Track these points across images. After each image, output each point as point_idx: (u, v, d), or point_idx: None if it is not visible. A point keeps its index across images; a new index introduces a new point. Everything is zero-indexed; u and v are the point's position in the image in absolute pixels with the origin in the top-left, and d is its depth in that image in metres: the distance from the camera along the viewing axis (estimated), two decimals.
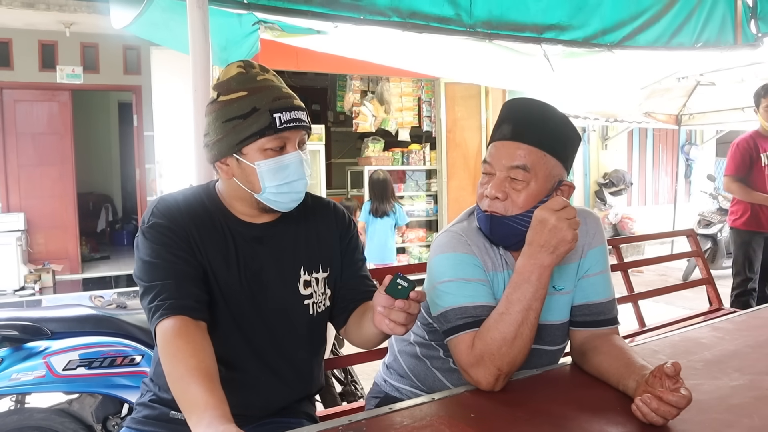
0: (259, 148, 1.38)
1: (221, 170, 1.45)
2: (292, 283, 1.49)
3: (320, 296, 1.53)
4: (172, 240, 1.38)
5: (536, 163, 1.45)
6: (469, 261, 1.49)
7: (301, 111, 1.41)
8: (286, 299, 1.48)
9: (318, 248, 1.54)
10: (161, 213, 1.42)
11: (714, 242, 8.01)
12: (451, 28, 3.00)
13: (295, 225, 1.53)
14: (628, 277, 3.29)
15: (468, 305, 1.44)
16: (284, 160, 1.40)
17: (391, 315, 1.21)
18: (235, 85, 1.40)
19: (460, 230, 1.56)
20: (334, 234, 1.58)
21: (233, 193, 1.47)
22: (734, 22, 3.83)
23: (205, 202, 1.48)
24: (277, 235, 1.50)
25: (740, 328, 1.90)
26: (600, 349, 1.49)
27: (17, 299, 6.97)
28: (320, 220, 1.58)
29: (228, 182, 1.46)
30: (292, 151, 1.41)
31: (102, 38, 7.80)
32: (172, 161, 6.53)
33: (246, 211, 1.48)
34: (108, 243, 10.37)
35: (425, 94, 7.89)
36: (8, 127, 7.78)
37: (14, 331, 2.27)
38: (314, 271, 1.52)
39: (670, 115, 9.16)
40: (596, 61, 3.84)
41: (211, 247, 1.42)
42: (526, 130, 1.46)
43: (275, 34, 3.14)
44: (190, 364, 1.19)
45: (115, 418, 2.45)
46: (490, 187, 1.47)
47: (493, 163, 1.48)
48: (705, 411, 1.24)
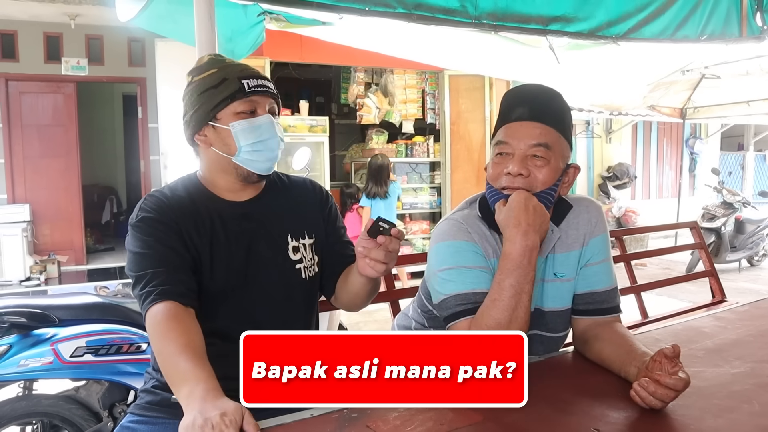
0: (232, 112, 1.49)
1: (201, 143, 1.54)
2: (282, 250, 1.56)
3: (309, 261, 1.60)
4: (162, 231, 1.44)
5: (554, 142, 1.47)
6: (469, 248, 1.50)
7: (268, 81, 1.55)
8: (278, 265, 1.55)
9: (302, 216, 1.63)
10: (149, 207, 1.48)
11: (718, 236, 8.01)
12: (457, 20, 2.99)
13: (277, 197, 1.62)
14: (631, 268, 3.30)
15: (468, 292, 1.46)
16: (256, 121, 1.50)
17: (371, 253, 1.30)
18: (207, 66, 1.54)
19: (460, 218, 1.57)
20: (314, 205, 1.67)
21: (214, 166, 1.55)
22: (740, 15, 3.81)
23: (190, 190, 1.55)
24: (262, 209, 1.58)
25: (742, 318, 1.91)
26: (602, 337, 1.50)
27: (23, 290, 7.01)
28: (299, 192, 1.67)
29: (207, 155, 1.55)
30: (263, 114, 1.52)
31: (107, 30, 7.79)
32: (177, 153, 6.53)
33: (229, 185, 1.56)
34: (112, 235, 10.38)
35: (429, 86, 7.88)
36: (14, 118, 7.80)
37: (22, 318, 2.30)
38: (301, 237, 1.60)
39: (675, 108, 9.13)
40: (601, 53, 3.83)
41: (200, 232, 1.49)
42: (544, 110, 1.48)
43: (280, 25, 3.13)
44: (180, 342, 1.24)
45: (122, 404, 2.48)
46: (512, 164, 1.47)
47: (512, 143, 1.48)
48: (706, 397, 1.26)
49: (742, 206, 8.31)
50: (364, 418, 1.15)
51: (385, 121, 7.89)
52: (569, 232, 1.58)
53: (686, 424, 1.15)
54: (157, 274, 1.37)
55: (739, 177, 13.89)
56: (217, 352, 1.30)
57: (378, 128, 7.92)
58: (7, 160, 7.77)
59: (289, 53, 6.35)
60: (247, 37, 3.16)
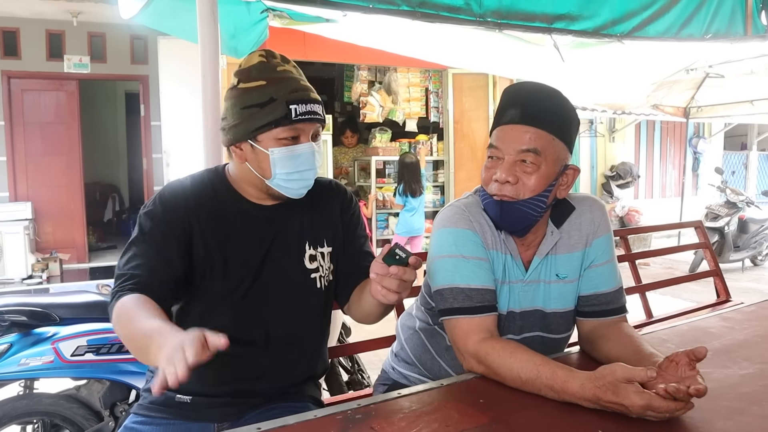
0: (274, 137, 1.43)
1: (235, 154, 1.49)
2: (298, 258, 1.55)
3: (326, 270, 1.59)
4: (162, 233, 1.42)
5: (546, 147, 1.43)
6: (469, 237, 1.49)
7: (317, 104, 1.46)
8: (294, 272, 1.54)
9: (322, 225, 1.60)
10: (162, 202, 1.46)
11: (721, 235, 7.99)
12: (461, 18, 2.98)
13: (301, 206, 1.57)
14: (635, 268, 3.28)
15: (464, 287, 1.45)
16: (296, 150, 1.45)
17: (384, 281, 1.23)
18: (255, 74, 1.46)
19: (463, 205, 1.56)
20: (336, 211, 1.64)
21: (244, 177, 1.52)
22: (744, 13, 3.80)
23: (215, 184, 1.54)
24: (285, 216, 1.55)
25: (749, 318, 1.89)
26: (609, 337, 1.49)
27: (25, 287, 7.01)
28: (324, 199, 1.63)
29: (240, 166, 1.51)
30: (305, 142, 1.46)
31: (109, 28, 7.79)
32: (180, 151, 6.53)
33: (255, 194, 1.54)
34: (115, 233, 10.39)
35: (432, 84, 7.87)
36: (16, 116, 7.80)
37: (23, 317, 2.29)
38: (319, 245, 1.58)
39: (678, 107, 9.11)
40: (605, 52, 3.81)
41: (218, 228, 1.47)
42: (535, 113, 1.44)
43: (284, 22, 3.13)
44: (141, 315, 1.23)
45: (123, 404, 2.46)
46: (500, 171, 1.45)
47: (502, 147, 1.46)
48: (715, 399, 1.24)
49: (745, 206, 8.29)
50: (369, 419, 1.14)
51: (389, 120, 7.88)
52: (572, 233, 1.56)
53: (695, 426, 1.14)
54: (135, 275, 1.36)
55: (742, 176, 13.87)
56: (227, 353, 1.26)
57: (381, 126, 7.91)
58: (9, 157, 7.76)
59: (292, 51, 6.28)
60: (250, 35, 3.15)
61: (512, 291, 1.54)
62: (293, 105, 1.42)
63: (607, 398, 1.14)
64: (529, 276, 1.54)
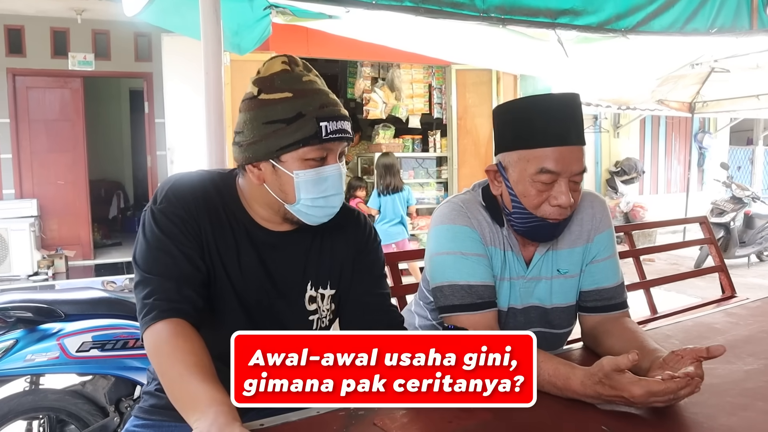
0: (300, 157, 1.27)
1: (251, 173, 1.32)
2: (297, 297, 1.41)
3: (325, 311, 1.44)
4: (182, 233, 1.29)
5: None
6: (467, 234, 1.49)
7: (347, 121, 1.31)
8: (289, 315, 1.39)
9: (330, 262, 1.44)
10: (176, 198, 1.32)
11: (727, 231, 7.96)
12: (464, 13, 2.97)
13: (311, 237, 1.42)
14: (640, 264, 3.27)
15: (464, 283, 1.45)
16: (324, 172, 1.29)
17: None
18: (280, 84, 1.28)
19: (461, 201, 1.55)
20: (351, 248, 1.46)
21: (259, 198, 1.35)
22: (750, 7, 3.77)
23: (222, 192, 1.37)
24: (291, 245, 1.40)
25: (754, 314, 1.88)
26: (612, 333, 1.49)
27: (30, 284, 7.04)
28: (340, 229, 1.44)
29: (256, 187, 1.34)
30: (333, 163, 1.31)
31: (113, 25, 7.80)
32: (184, 148, 6.54)
33: (267, 216, 1.38)
34: (120, 230, 10.42)
35: (436, 80, 7.85)
36: (21, 113, 7.82)
37: (28, 313, 2.30)
38: (322, 286, 1.43)
39: (684, 102, 9.08)
40: (610, 47, 3.80)
41: (221, 242, 1.34)
42: (579, 131, 1.42)
43: (287, 19, 3.13)
44: (189, 361, 1.13)
45: (128, 399, 2.48)
46: (563, 196, 1.38)
47: (561, 171, 1.38)
48: (719, 394, 1.24)
49: (751, 201, 8.25)
50: (371, 416, 1.14)
51: (392, 116, 7.87)
52: (573, 228, 1.56)
53: (699, 422, 1.14)
54: (166, 287, 1.23)
55: (748, 172, 13.81)
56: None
57: (385, 123, 7.90)
58: (14, 155, 7.78)
59: (295, 47, 6.30)
60: (253, 31, 3.15)
61: (513, 287, 1.54)
62: (323, 122, 1.25)
63: (608, 393, 1.15)
64: (530, 272, 1.54)
